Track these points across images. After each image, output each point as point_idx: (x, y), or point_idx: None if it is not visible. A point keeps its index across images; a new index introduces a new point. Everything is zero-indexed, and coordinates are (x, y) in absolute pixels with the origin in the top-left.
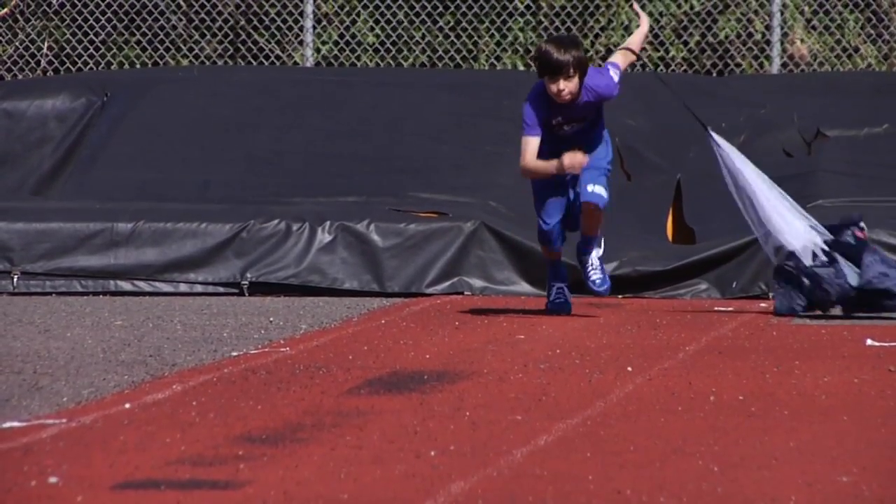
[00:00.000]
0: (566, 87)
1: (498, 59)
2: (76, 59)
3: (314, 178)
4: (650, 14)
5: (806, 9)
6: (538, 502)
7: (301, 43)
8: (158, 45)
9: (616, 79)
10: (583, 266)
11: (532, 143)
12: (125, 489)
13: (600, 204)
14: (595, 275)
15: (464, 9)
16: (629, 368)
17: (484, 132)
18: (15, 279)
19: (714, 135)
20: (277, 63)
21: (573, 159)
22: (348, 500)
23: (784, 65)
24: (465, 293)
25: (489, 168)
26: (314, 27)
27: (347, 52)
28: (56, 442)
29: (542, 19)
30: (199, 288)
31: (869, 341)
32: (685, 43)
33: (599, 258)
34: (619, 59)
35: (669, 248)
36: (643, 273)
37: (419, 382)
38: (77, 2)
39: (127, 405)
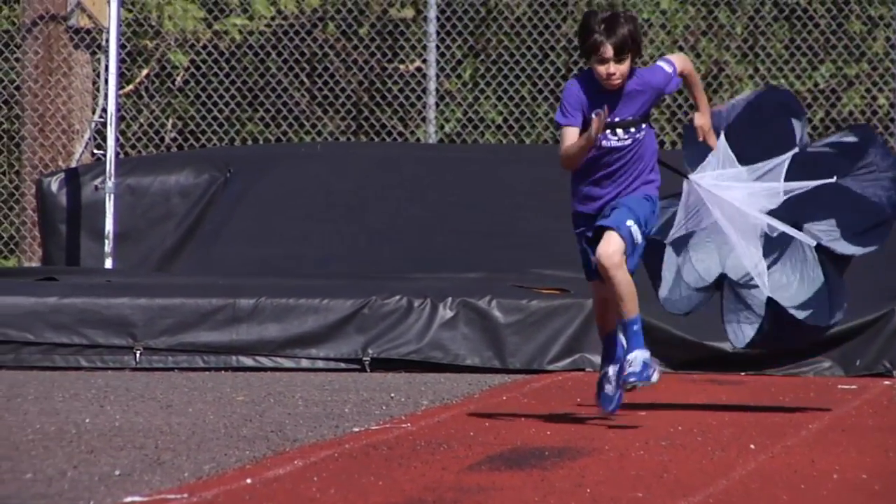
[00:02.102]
0: (616, 70)
1: None
2: (200, 135)
3: (436, 253)
4: None
5: None
6: None
7: (424, 120)
8: (282, 122)
9: (668, 70)
10: (621, 364)
11: (571, 134)
12: None
13: (609, 258)
14: (631, 369)
15: None
16: (752, 446)
17: None
18: (137, 355)
19: (694, 178)
20: (400, 140)
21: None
22: None
23: None
24: (587, 370)
25: None
26: (437, 104)
27: (470, 128)
28: None
29: (666, 97)
30: (320, 364)
31: None
32: (809, 120)
33: (644, 361)
34: (677, 56)
35: None
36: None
37: (540, 458)
38: (201, 78)
39: (248, 480)
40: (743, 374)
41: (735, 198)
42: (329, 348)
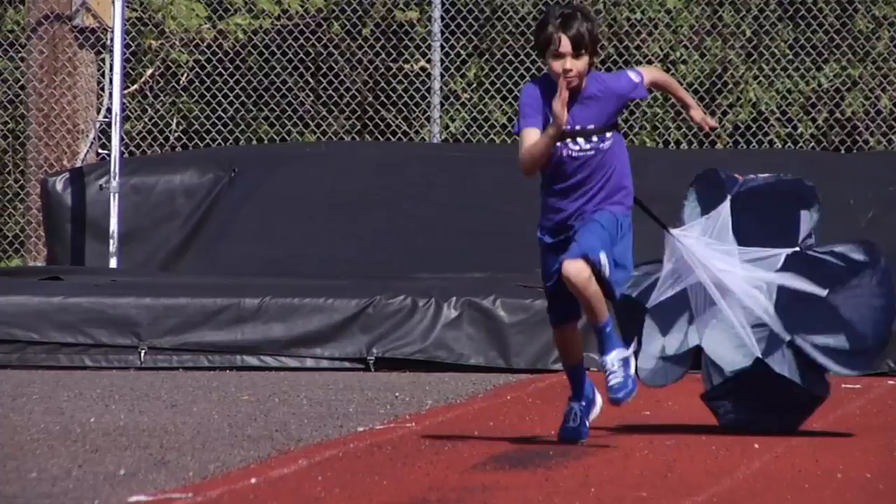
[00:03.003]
0: (574, 66)
1: (625, 135)
2: (204, 135)
3: (440, 253)
4: (777, 91)
5: None
6: None
7: (429, 120)
8: (286, 121)
9: (635, 79)
10: (603, 369)
11: (531, 135)
12: None
13: (578, 274)
14: (614, 379)
15: None
16: (756, 445)
17: None
18: (142, 354)
19: (674, 234)
20: (405, 139)
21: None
22: None
23: None
24: (592, 369)
25: None
26: (441, 104)
27: (475, 128)
28: None
29: (670, 96)
30: (325, 363)
31: None
32: (813, 120)
33: (623, 360)
34: (647, 68)
35: None
36: None
37: (544, 458)
38: (206, 78)
39: (253, 480)
40: None
41: (722, 270)
42: (334, 348)
